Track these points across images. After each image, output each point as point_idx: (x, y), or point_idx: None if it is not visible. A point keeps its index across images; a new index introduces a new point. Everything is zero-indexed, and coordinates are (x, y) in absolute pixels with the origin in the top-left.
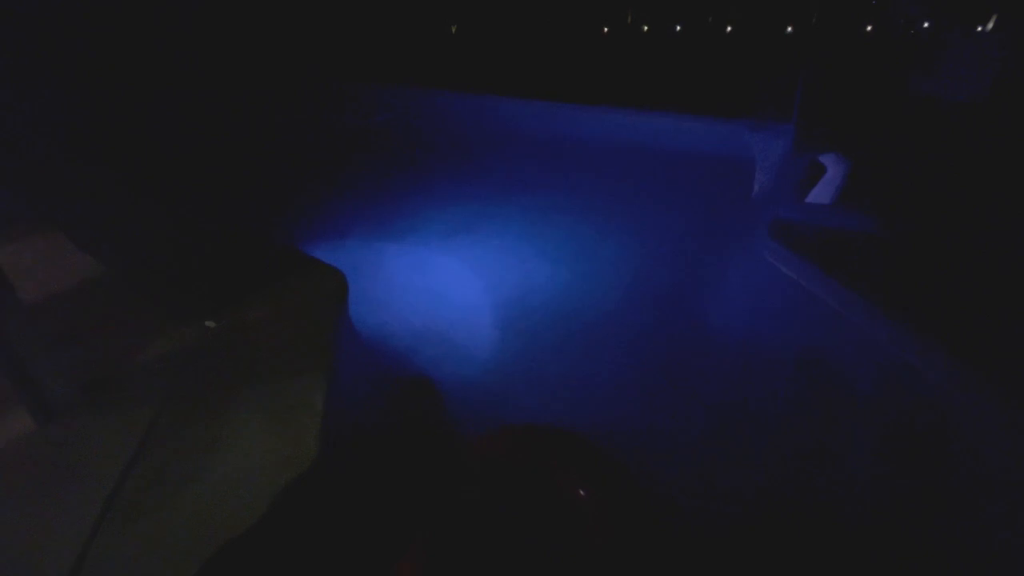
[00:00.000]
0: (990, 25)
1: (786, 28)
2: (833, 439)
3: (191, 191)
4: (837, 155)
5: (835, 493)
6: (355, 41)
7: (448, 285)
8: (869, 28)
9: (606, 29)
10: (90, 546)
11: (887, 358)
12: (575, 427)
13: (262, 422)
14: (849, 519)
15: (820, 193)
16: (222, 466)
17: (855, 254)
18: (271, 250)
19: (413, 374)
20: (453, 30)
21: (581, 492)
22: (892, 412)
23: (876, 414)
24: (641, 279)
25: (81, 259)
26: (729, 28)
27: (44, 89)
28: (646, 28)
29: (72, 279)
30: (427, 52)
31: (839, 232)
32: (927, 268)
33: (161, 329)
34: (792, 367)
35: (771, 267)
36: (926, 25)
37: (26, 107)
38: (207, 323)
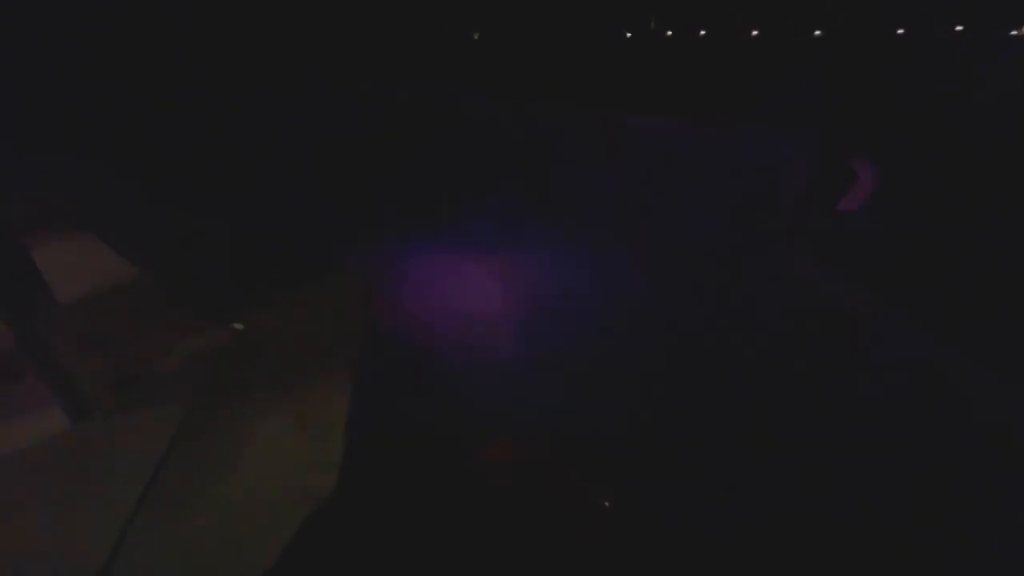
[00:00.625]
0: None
1: (814, 32)
2: (860, 452)
3: (221, 196)
4: (869, 161)
5: (858, 508)
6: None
7: (467, 287)
8: (900, 31)
9: (629, 34)
10: (122, 542)
11: (922, 370)
12: (592, 435)
13: (288, 423)
14: (871, 539)
15: (851, 199)
16: (249, 466)
17: (887, 262)
18: (298, 255)
19: (427, 376)
20: (476, 36)
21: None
22: (926, 426)
23: (908, 427)
24: (664, 289)
25: (115, 261)
26: (755, 32)
27: (74, 92)
28: (669, 33)
29: (106, 280)
30: (450, 58)
31: (870, 239)
32: (964, 278)
33: (191, 330)
34: (819, 377)
35: (798, 273)
36: (959, 28)
37: (54, 111)
38: (235, 325)
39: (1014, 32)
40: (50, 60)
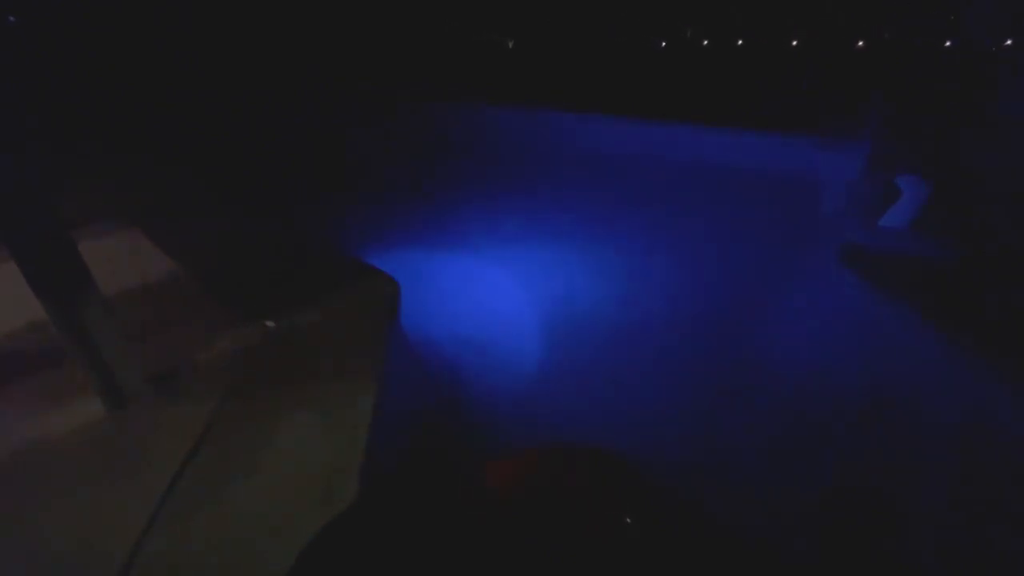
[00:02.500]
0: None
1: (857, 43)
2: (902, 475)
3: (255, 195)
4: (916, 177)
5: (903, 532)
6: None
7: (494, 294)
8: (948, 44)
9: (664, 43)
10: (148, 532)
11: (967, 397)
12: (620, 449)
13: (315, 423)
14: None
15: (895, 217)
16: (275, 464)
17: (932, 283)
18: (330, 255)
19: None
20: (510, 45)
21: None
22: (968, 451)
23: (951, 452)
24: (701, 300)
25: (156, 257)
26: (794, 42)
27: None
28: (705, 43)
29: (145, 275)
30: (485, 66)
31: (915, 260)
32: (1010, 303)
33: (224, 327)
34: (860, 400)
35: (841, 293)
36: (1009, 43)
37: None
38: (267, 323)
39: None
40: (101, 57)
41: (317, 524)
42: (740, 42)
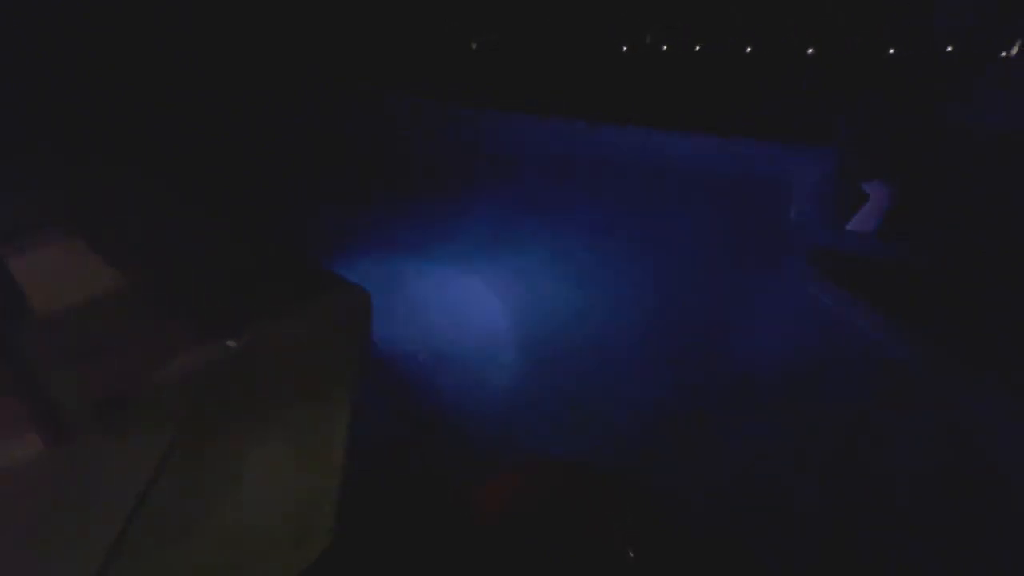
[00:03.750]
0: (1014, 50)
1: (817, 47)
2: (874, 479)
3: (214, 199)
4: (882, 181)
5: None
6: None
7: (466, 304)
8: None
9: (625, 48)
10: None
11: (933, 394)
12: (600, 462)
13: (285, 453)
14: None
15: (862, 220)
16: (242, 499)
17: (899, 284)
18: (292, 263)
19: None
20: (473, 46)
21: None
22: (940, 454)
23: (922, 455)
24: (669, 306)
25: (96, 267)
26: (749, 49)
27: (56, 84)
28: (665, 48)
29: (86, 289)
30: (447, 66)
31: (882, 261)
32: (974, 302)
33: (179, 347)
34: (830, 401)
35: (808, 295)
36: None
37: (35, 104)
38: (227, 342)
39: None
40: (35, 54)
41: (293, 571)
42: (702, 48)
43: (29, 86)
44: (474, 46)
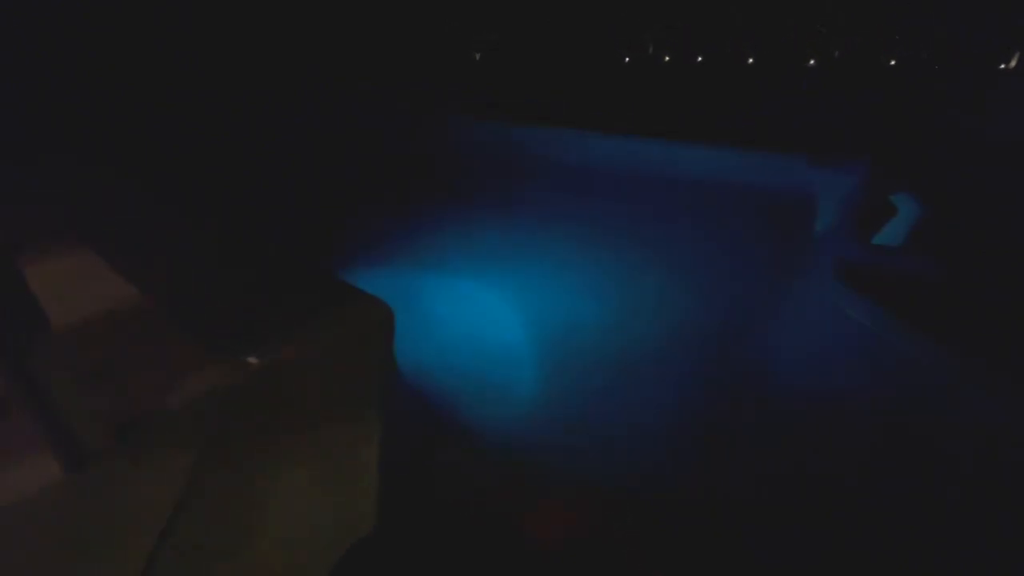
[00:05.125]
0: (1013, 63)
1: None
2: (907, 500)
3: (229, 211)
4: (910, 195)
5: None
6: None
7: (486, 317)
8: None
9: (627, 59)
10: None
11: (964, 408)
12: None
13: (312, 478)
14: None
15: (889, 234)
16: (272, 532)
17: (929, 299)
18: (313, 277)
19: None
20: (477, 57)
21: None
22: (975, 474)
23: (957, 476)
24: (694, 322)
25: (112, 281)
26: (749, 61)
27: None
28: (667, 58)
29: (101, 303)
30: (450, 77)
31: (910, 276)
32: (1008, 316)
33: (200, 365)
34: (858, 419)
35: (835, 310)
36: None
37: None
38: (249, 359)
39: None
40: (41, 57)
41: None
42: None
43: (44, 91)
44: (496, 59)
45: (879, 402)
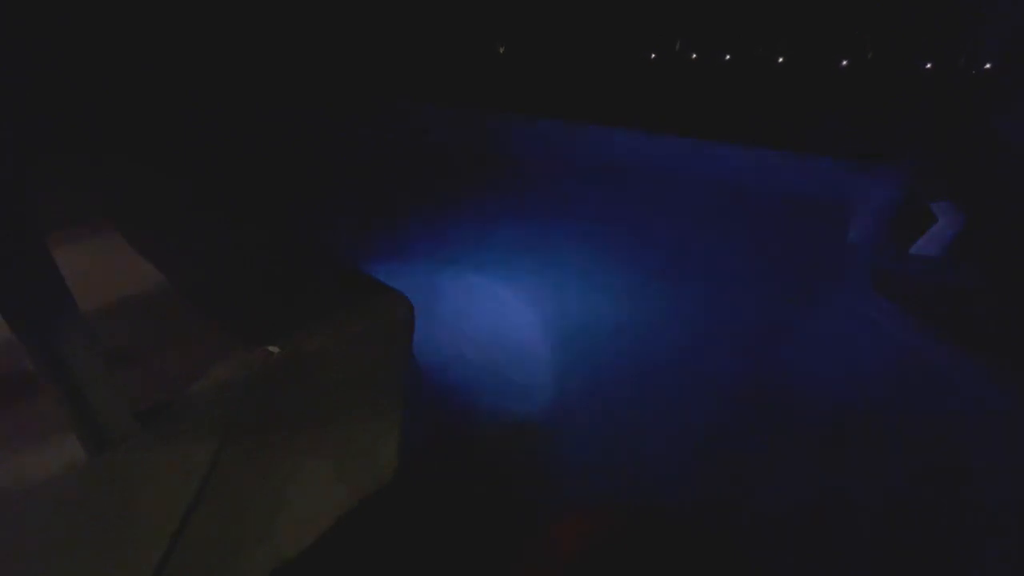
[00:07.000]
0: None
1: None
2: (942, 514)
3: (258, 202)
4: (950, 204)
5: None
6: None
7: (506, 314)
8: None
9: (653, 55)
10: None
11: (1000, 422)
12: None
13: (332, 468)
14: None
15: (928, 244)
16: (292, 519)
17: (967, 311)
18: (336, 269)
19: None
20: (501, 51)
21: None
22: (1012, 485)
23: (991, 486)
24: (727, 329)
25: (142, 270)
26: (779, 60)
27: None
28: (694, 56)
29: (124, 290)
30: (475, 72)
31: (949, 286)
32: None
33: (222, 352)
34: (893, 429)
35: (872, 320)
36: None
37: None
38: (270, 348)
39: None
40: (73, 52)
41: None
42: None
43: (70, 88)
44: (522, 53)
45: (912, 418)
